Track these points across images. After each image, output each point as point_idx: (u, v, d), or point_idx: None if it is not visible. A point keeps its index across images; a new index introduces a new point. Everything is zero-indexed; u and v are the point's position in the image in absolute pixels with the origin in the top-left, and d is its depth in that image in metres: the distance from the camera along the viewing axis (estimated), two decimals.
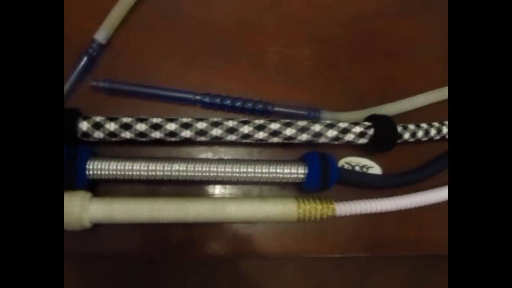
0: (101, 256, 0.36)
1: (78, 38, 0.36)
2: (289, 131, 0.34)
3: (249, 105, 0.36)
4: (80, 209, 0.31)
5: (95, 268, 0.43)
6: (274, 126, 0.34)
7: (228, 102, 0.36)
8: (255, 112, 0.37)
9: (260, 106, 0.36)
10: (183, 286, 0.43)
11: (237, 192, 0.36)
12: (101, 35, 0.36)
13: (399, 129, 0.35)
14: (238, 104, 0.36)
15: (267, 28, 0.40)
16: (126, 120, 0.33)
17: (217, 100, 0.36)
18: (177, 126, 0.33)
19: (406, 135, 0.35)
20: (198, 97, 0.35)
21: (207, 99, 0.36)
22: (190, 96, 0.36)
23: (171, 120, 0.34)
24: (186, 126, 0.33)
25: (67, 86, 0.35)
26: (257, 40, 0.39)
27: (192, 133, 0.33)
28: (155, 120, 0.33)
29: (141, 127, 0.33)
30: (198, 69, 0.38)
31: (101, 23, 0.37)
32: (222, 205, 0.33)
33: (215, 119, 0.34)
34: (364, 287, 0.51)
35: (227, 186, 0.36)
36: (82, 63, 0.35)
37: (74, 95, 0.36)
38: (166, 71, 0.37)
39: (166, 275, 0.41)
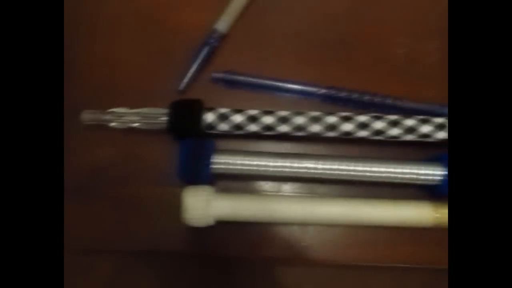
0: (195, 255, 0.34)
1: (193, 31, 0.35)
2: (425, 128, 0.31)
3: (378, 99, 0.33)
4: (206, 205, 0.29)
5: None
6: (410, 122, 0.31)
7: (355, 96, 0.33)
8: (382, 109, 0.34)
9: (389, 101, 0.33)
10: None
11: (358, 193, 0.33)
12: (222, 25, 0.34)
13: None
14: (366, 98, 0.33)
15: (391, 20, 0.37)
16: (252, 112, 0.31)
17: (343, 94, 0.33)
18: (305, 119, 0.31)
19: None
20: (323, 91, 0.33)
21: (332, 93, 0.33)
22: (314, 89, 0.33)
23: (299, 114, 0.31)
24: (315, 120, 0.31)
25: (188, 77, 0.34)
26: (380, 32, 0.36)
27: (321, 128, 0.31)
28: (283, 113, 0.31)
29: (268, 120, 0.31)
30: (316, 63, 0.36)
31: (215, 15, 0.35)
32: (355, 207, 0.30)
33: (345, 114, 0.31)
34: None
35: (349, 186, 0.33)
36: (203, 53, 0.34)
37: (191, 86, 0.34)
38: (284, 64, 0.35)
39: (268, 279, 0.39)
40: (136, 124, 0.32)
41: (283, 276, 0.34)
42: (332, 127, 0.31)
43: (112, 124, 0.32)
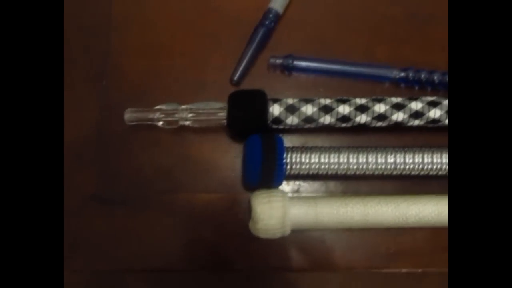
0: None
1: (242, 12, 0.31)
2: None
3: None
4: (283, 212, 0.25)
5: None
6: None
7: (437, 77, 0.29)
8: None
9: None
10: None
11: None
12: (277, 4, 0.30)
13: None
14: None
15: None
16: (325, 101, 0.27)
17: (423, 76, 0.29)
18: (386, 107, 0.27)
19: None
20: (402, 74, 0.29)
21: (410, 75, 0.29)
22: (390, 73, 0.29)
23: (379, 101, 0.27)
24: (397, 107, 0.27)
25: (242, 64, 0.29)
26: None
27: (405, 116, 0.27)
28: (360, 101, 0.27)
29: (344, 109, 0.27)
30: (384, 42, 0.31)
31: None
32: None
33: (431, 98, 0.27)
34: None
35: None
36: (259, 36, 0.29)
37: (246, 75, 0.30)
38: (349, 44, 0.31)
39: None
40: (188, 122, 0.28)
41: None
42: (418, 114, 0.27)
43: (160, 123, 0.28)
